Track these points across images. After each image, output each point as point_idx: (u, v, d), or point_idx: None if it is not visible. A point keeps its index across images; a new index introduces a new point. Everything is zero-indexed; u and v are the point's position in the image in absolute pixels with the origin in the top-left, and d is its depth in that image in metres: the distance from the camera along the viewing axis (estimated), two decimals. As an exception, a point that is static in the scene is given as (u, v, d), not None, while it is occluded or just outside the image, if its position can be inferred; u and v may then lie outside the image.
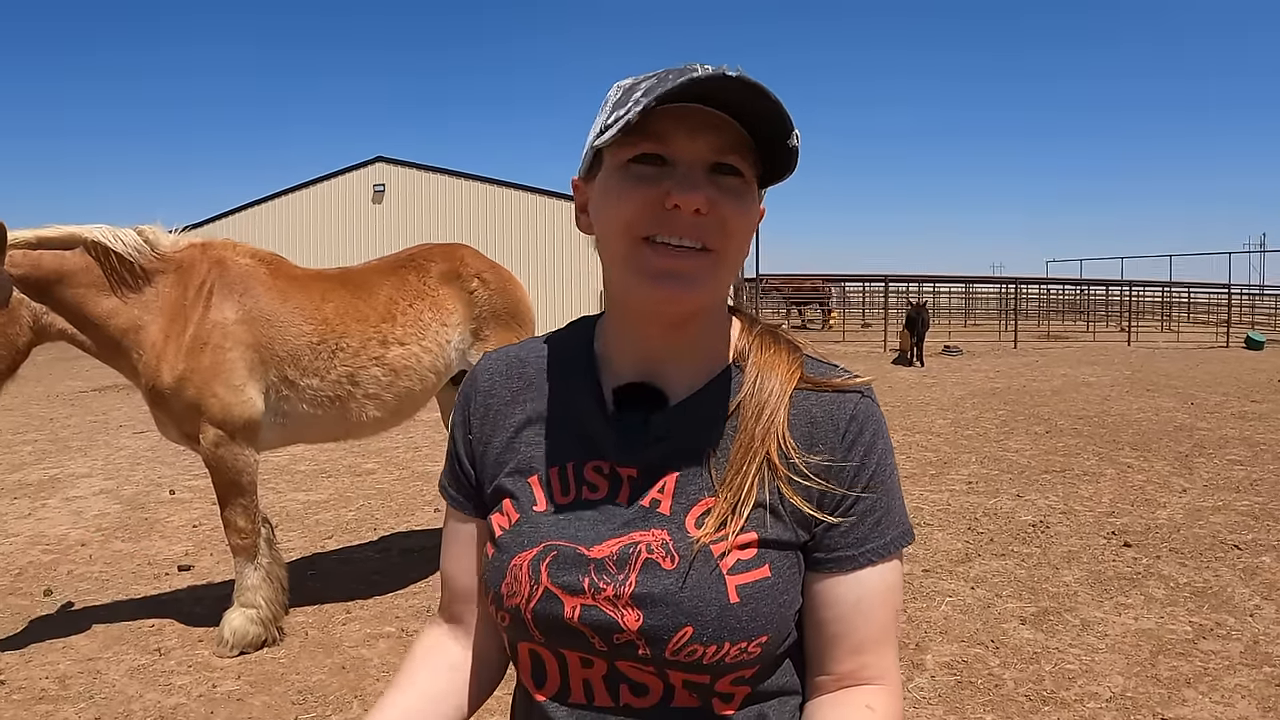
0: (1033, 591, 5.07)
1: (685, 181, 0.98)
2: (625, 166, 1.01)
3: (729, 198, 1.00)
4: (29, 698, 3.91)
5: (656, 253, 1.00)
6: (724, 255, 1.01)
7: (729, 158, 1.00)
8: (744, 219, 1.02)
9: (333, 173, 29.60)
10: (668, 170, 0.99)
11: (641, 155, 1.00)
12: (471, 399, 1.20)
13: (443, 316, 4.97)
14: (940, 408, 12.24)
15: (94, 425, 11.30)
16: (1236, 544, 5.87)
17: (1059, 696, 3.85)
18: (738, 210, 1.00)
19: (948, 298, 40.19)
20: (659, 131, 0.99)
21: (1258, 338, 23.77)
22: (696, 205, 0.97)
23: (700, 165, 0.99)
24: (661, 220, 0.99)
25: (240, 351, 4.32)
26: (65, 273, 4.09)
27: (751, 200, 1.03)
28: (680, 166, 0.99)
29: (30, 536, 6.40)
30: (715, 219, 0.99)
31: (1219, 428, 10.28)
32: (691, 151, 0.99)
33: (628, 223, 1.01)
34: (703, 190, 0.97)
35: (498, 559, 1.09)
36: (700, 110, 0.98)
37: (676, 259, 0.99)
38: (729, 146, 0.99)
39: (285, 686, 4.03)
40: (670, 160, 1.00)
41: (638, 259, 1.01)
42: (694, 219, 0.98)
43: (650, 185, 0.99)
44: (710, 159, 1.00)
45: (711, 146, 0.99)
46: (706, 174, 0.99)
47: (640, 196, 1.00)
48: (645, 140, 0.99)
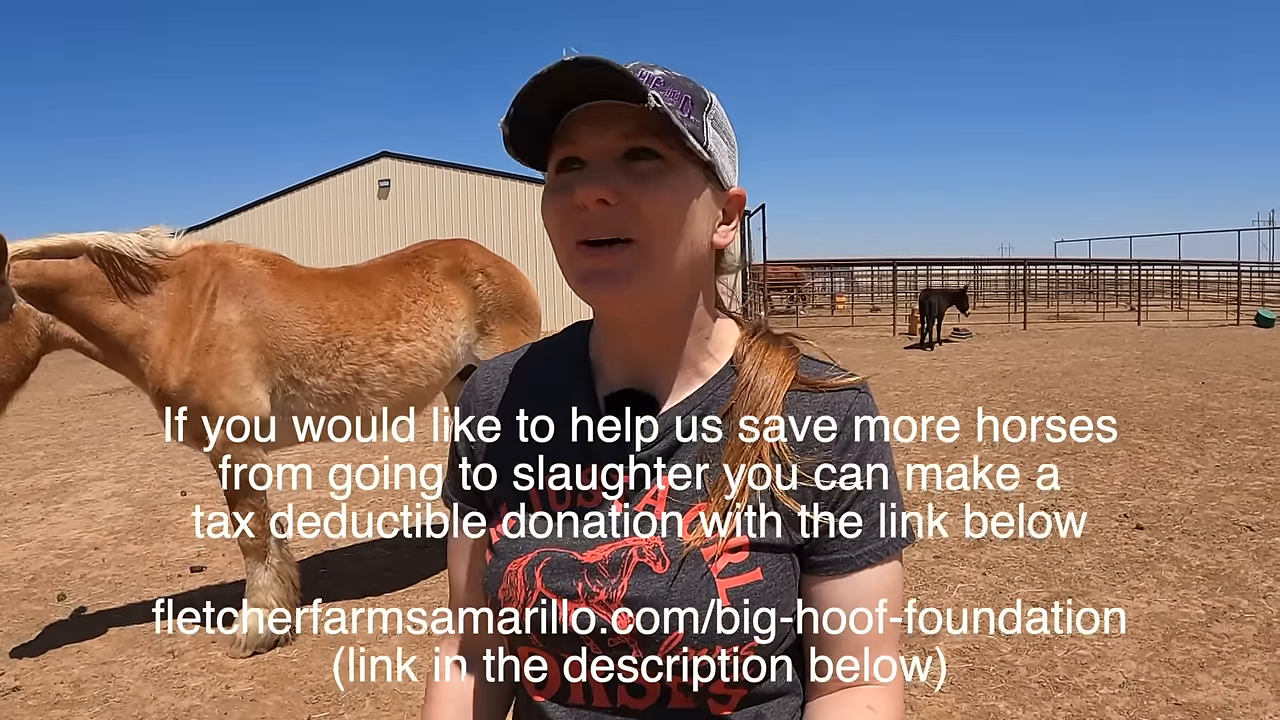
0: (1045, 576, 5.06)
1: (585, 177, 0.98)
2: (554, 177, 1.02)
3: (638, 183, 0.98)
4: (44, 703, 3.94)
5: (582, 255, 1.00)
6: (647, 245, 0.99)
7: (639, 141, 0.98)
8: (659, 201, 0.99)
9: (337, 169, 29.66)
10: (583, 170, 1.00)
11: (561, 162, 1.01)
12: (470, 406, 1.21)
13: (447, 312, 4.97)
14: (950, 391, 12.20)
15: (105, 428, 11.37)
16: (1249, 525, 5.84)
17: (1071, 682, 3.84)
18: (650, 193, 0.98)
19: (956, 280, 40.11)
20: (570, 135, 0.99)
21: (1268, 315, 23.61)
22: (596, 197, 0.96)
23: (609, 157, 0.99)
24: (578, 221, 0.99)
25: (246, 353, 4.33)
26: (70, 281, 4.10)
27: (674, 181, 1.00)
28: (590, 164, 0.99)
29: (44, 541, 6.44)
30: (626, 207, 0.98)
31: (1230, 407, 10.23)
32: (597, 147, 0.99)
33: (558, 231, 1.02)
34: (600, 182, 0.97)
35: (495, 565, 1.10)
36: (604, 104, 0.97)
37: (599, 257, 0.99)
38: (637, 130, 0.98)
39: (298, 686, 4.05)
40: (585, 159, 1.00)
41: (570, 265, 1.02)
42: (603, 212, 0.97)
43: (566, 191, 0.99)
44: (621, 147, 0.98)
45: (617, 135, 0.98)
46: (617, 163, 0.98)
47: (559, 203, 1.00)
48: (561, 147, 1.00)
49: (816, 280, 39.29)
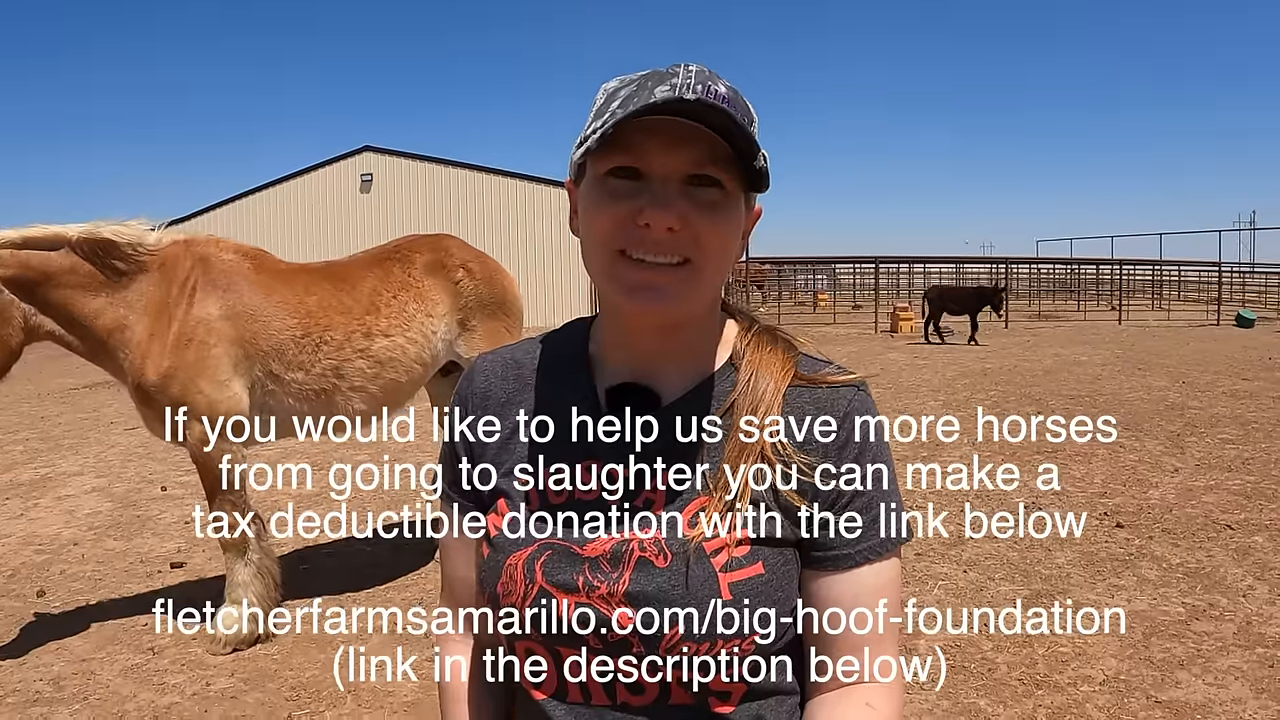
0: (1025, 574, 5.08)
1: (658, 198, 0.97)
2: (603, 180, 1.01)
3: (703, 212, 0.98)
4: (23, 700, 3.90)
5: (631, 268, 0.99)
6: (701, 268, 1.00)
7: (706, 170, 0.98)
8: (720, 232, 1.00)
9: (320, 163, 29.50)
10: (642, 185, 0.99)
11: (617, 169, 0.99)
12: (468, 400, 1.20)
13: (428, 308, 4.94)
14: (932, 389, 12.25)
15: (85, 422, 11.27)
16: (1229, 524, 5.88)
17: (1052, 680, 3.85)
18: (712, 224, 0.99)
19: (938, 278, 40.29)
20: (634, 145, 0.98)
21: (1248, 315, 23.85)
22: (668, 224, 0.96)
23: (675, 179, 0.98)
24: (635, 236, 0.98)
25: (225, 347, 4.30)
26: (51, 273, 4.06)
27: (732, 211, 1.01)
28: (654, 182, 0.98)
29: (23, 537, 6.37)
30: (689, 234, 0.98)
31: (1210, 406, 10.31)
32: (666, 166, 0.98)
33: (604, 237, 1.01)
34: (674, 208, 0.97)
35: (493, 559, 1.10)
36: (675, 122, 0.96)
37: (650, 274, 0.99)
38: (706, 159, 0.98)
39: (279, 683, 4.03)
40: (645, 174, 0.99)
41: (614, 273, 1.01)
42: (667, 236, 0.97)
43: (624, 201, 0.98)
44: (686, 171, 0.98)
45: (687, 160, 0.98)
46: (682, 187, 0.98)
47: (614, 212, 0.99)
48: (621, 154, 0.98)
49: (799, 277, 39.51)
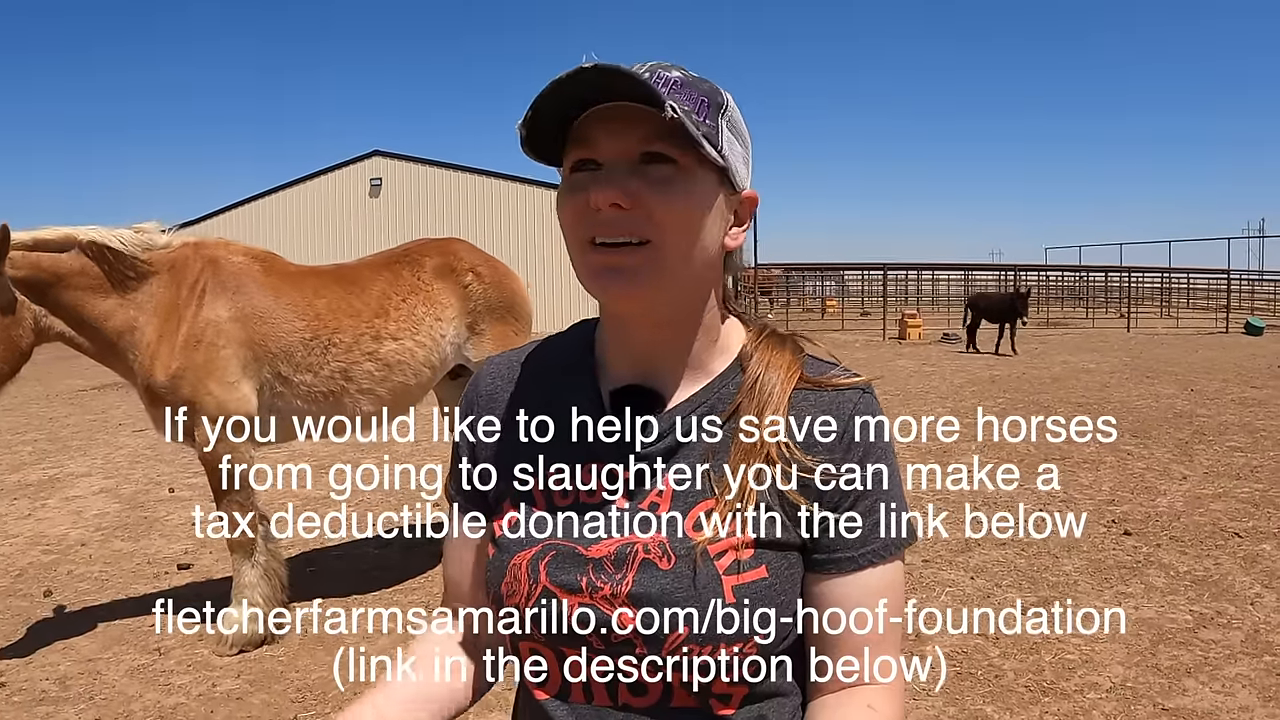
0: (1032, 581, 5.07)
1: (600, 180, 0.99)
2: (568, 176, 1.04)
3: (654, 188, 0.99)
4: (30, 699, 3.91)
5: (595, 253, 1.01)
6: (661, 245, 1.00)
7: (655, 146, 0.99)
8: (674, 207, 1.00)
9: (329, 167, 29.59)
10: (598, 172, 1.01)
11: (577, 162, 1.03)
12: (474, 402, 1.22)
13: (437, 311, 4.95)
14: (940, 396, 12.23)
15: (93, 424, 11.31)
16: (1237, 531, 5.86)
17: (1059, 687, 3.84)
18: (665, 199, 1.00)
19: (946, 285, 40.27)
20: (587, 136, 1.01)
21: (1257, 323, 23.75)
22: (609, 201, 0.98)
23: (625, 161, 1.00)
24: (592, 221, 1.00)
25: (234, 349, 4.31)
26: (62, 275, 4.08)
27: (688, 187, 1.01)
28: (605, 167, 1.01)
29: (30, 537, 6.40)
30: (641, 212, 0.99)
31: (1219, 414, 10.27)
32: (614, 149, 1.00)
33: (570, 230, 1.03)
34: (615, 186, 0.98)
35: (498, 559, 1.11)
36: (621, 106, 0.98)
37: (611, 255, 1.00)
38: (653, 135, 0.99)
39: (285, 685, 4.03)
40: (600, 162, 1.01)
41: (583, 262, 1.03)
42: (617, 214, 0.99)
43: (580, 191, 1.01)
44: (638, 150, 1.00)
45: (634, 139, 0.99)
46: (634, 165, 1.00)
47: (574, 203, 1.02)
48: (577, 147, 1.02)
49: (808, 284, 39.54)
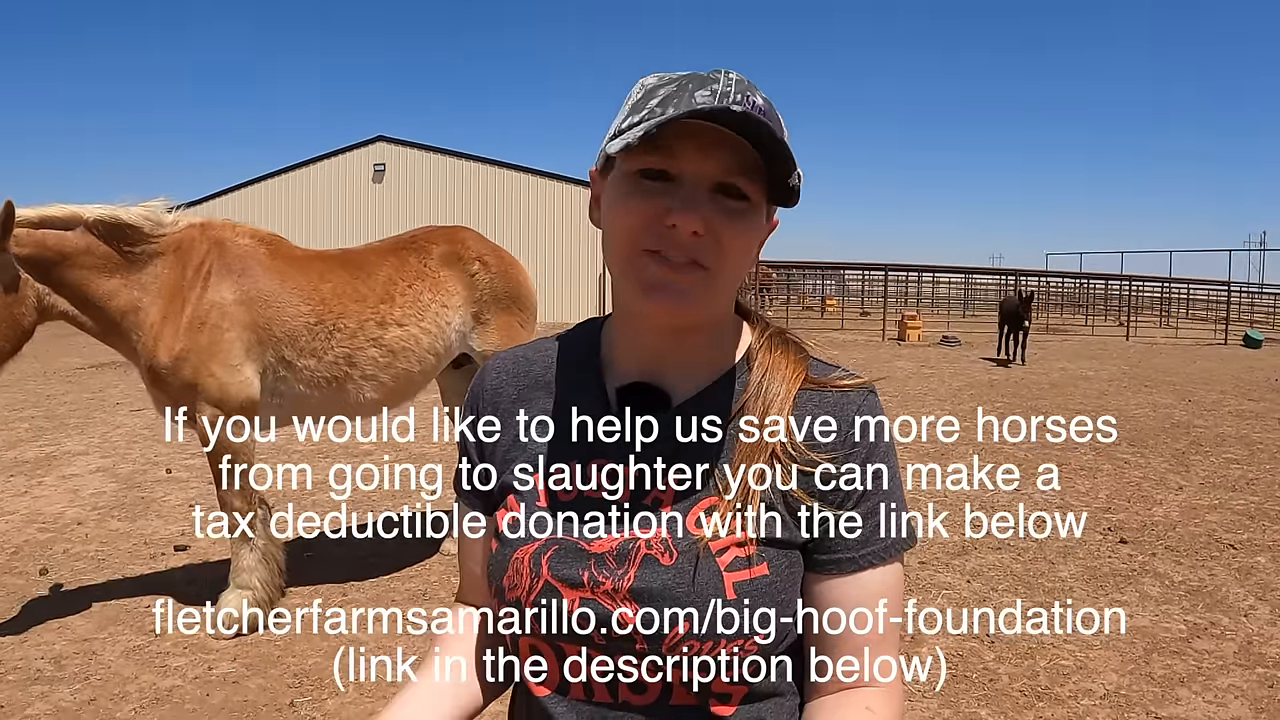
0: (1028, 586, 5.08)
1: (686, 202, 0.98)
2: (633, 176, 1.01)
3: (728, 220, 0.99)
4: (24, 678, 3.91)
5: (653, 265, 1.00)
6: (719, 273, 1.01)
7: (735, 179, 0.99)
8: (742, 241, 1.01)
9: (333, 151, 29.48)
10: (672, 186, 0.99)
11: (649, 169, 1.00)
12: (479, 399, 1.22)
13: (443, 299, 4.95)
14: (938, 399, 12.24)
15: (91, 402, 11.30)
16: (1232, 543, 5.88)
17: (1053, 692, 3.85)
18: (736, 233, 1.00)
19: (947, 288, 40.29)
20: (669, 146, 0.98)
21: (1256, 336, 23.77)
22: (694, 228, 0.97)
23: (705, 185, 0.99)
24: (660, 236, 0.99)
25: (238, 332, 4.31)
26: (67, 253, 4.06)
27: (754, 222, 1.02)
28: (685, 185, 0.99)
29: (26, 515, 6.39)
30: (711, 240, 0.99)
31: (1216, 425, 10.29)
32: (698, 170, 0.99)
33: (629, 233, 1.01)
34: (701, 212, 0.97)
35: (500, 553, 1.11)
36: (712, 128, 0.97)
37: (672, 273, 1.00)
38: (737, 168, 0.98)
39: (281, 669, 4.04)
40: (676, 176, 0.99)
41: (635, 269, 1.02)
42: (691, 239, 0.98)
43: (653, 200, 0.99)
44: (716, 178, 0.99)
45: (719, 167, 0.98)
46: (710, 194, 0.99)
47: (643, 210, 1.00)
48: (654, 154, 0.99)
49: (808, 282, 39.55)
